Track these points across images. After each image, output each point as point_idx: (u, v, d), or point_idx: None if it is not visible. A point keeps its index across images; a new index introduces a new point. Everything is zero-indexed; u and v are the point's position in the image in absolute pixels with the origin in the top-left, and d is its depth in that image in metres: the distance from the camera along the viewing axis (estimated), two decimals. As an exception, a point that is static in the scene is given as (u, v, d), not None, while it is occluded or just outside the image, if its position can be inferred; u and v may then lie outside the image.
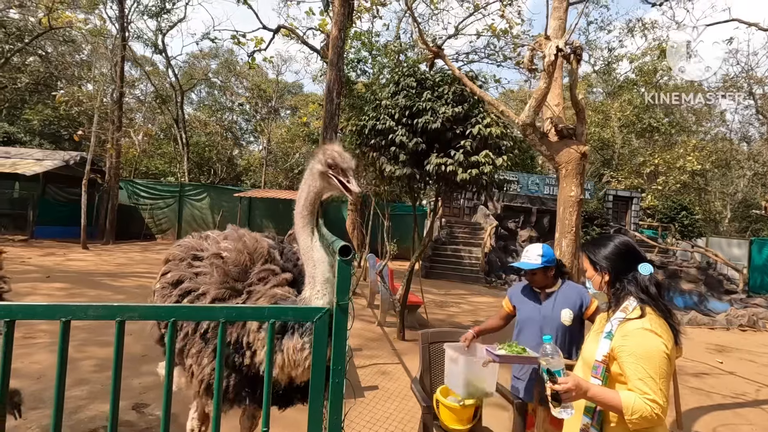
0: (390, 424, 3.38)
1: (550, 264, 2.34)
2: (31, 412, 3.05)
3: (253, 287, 1.72)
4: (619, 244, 1.59)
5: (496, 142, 4.86)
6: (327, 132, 9.04)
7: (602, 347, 1.45)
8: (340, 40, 9.34)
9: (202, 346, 1.69)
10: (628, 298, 1.48)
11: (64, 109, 19.21)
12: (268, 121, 26.15)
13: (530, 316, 2.38)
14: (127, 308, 1.07)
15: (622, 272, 1.52)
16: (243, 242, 1.91)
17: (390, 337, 5.92)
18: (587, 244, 1.66)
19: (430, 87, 5.16)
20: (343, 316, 1.15)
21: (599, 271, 1.59)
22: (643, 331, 1.38)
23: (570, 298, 2.33)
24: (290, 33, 16.78)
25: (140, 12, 19.23)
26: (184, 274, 1.86)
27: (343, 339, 1.15)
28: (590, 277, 1.64)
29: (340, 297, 1.15)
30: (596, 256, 1.60)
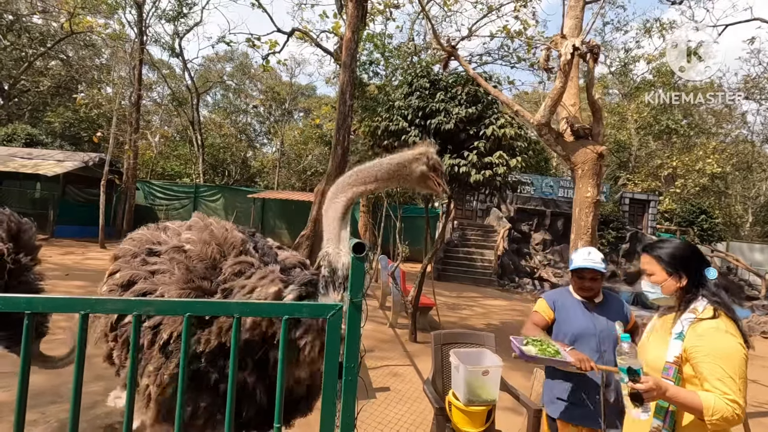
0: (402, 426, 3.37)
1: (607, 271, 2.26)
2: (51, 406, 3.12)
3: (229, 283, 1.46)
4: (691, 247, 1.60)
5: (510, 143, 4.81)
6: (340, 133, 9.06)
7: (673, 348, 1.44)
8: (354, 42, 9.37)
9: (163, 361, 1.41)
10: (696, 299, 1.48)
11: (84, 111, 19.72)
12: (282, 123, 26.40)
13: (586, 329, 2.14)
14: (143, 303, 1.08)
15: (695, 276, 1.52)
16: (210, 232, 1.63)
17: (402, 338, 5.90)
18: (652, 248, 1.62)
19: (444, 88, 5.14)
20: (357, 313, 1.14)
21: (673, 275, 1.55)
22: (718, 331, 1.38)
23: (619, 310, 2.21)
24: (304, 36, 16.91)
25: (158, 16, 19.62)
26: (137, 273, 1.57)
27: (357, 336, 1.15)
28: (661, 282, 1.57)
29: (354, 294, 1.15)
30: (672, 260, 1.56)
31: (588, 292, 2.19)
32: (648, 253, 1.63)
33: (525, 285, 13.32)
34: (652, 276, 1.59)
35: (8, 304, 1.02)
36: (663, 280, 1.57)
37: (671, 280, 1.55)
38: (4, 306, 1.00)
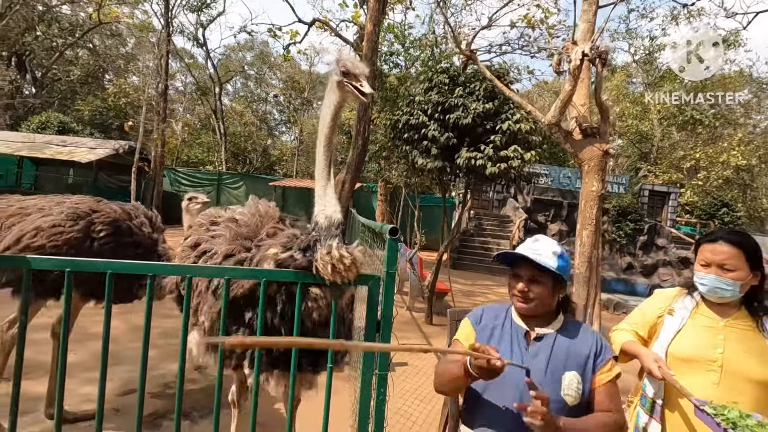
0: (419, 395, 3.73)
1: (562, 281, 1.37)
2: (113, 367, 3.58)
3: (262, 242, 1.75)
4: (756, 243, 1.45)
5: (525, 137, 5.05)
6: (360, 124, 9.35)
7: None
8: (375, 35, 9.59)
9: (213, 301, 1.73)
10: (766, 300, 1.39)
11: (113, 100, 20.46)
12: (301, 112, 26.78)
13: (504, 375, 1.19)
14: (231, 270, 1.43)
15: (765, 273, 1.42)
16: (257, 207, 2.07)
17: (418, 321, 6.26)
18: (737, 239, 1.41)
19: (462, 84, 5.38)
20: (390, 281, 1.48)
21: (754, 273, 1.40)
22: None
23: (579, 352, 1.30)
24: (324, 26, 17.13)
25: (182, 7, 20.08)
26: (202, 237, 1.98)
27: (391, 298, 1.48)
28: (745, 279, 1.39)
29: (389, 267, 1.48)
30: (757, 256, 1.41)
31: (523, 303, 1.42)
32: (733, 245, 1.40)
33: (539, 275, 13.48)
34: (734, 272, 1.39)
35: (90, 265, 1.35)
36: (746, 278, 1.39)
37: (752, 279, 1.41)
38: (88, 267, 1.33)
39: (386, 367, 1.50)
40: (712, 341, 1.40)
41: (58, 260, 1.35)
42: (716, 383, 1.36)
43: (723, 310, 1.45)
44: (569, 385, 1.26)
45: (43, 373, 3.34)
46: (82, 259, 1.30)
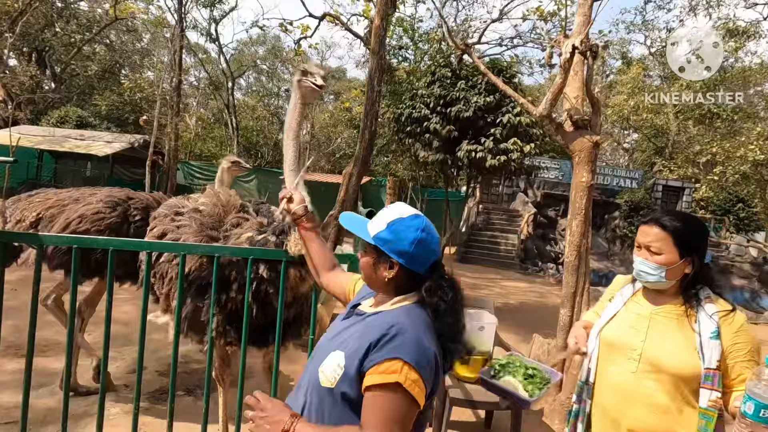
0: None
1: (393, 253, 1.07)
2: (124, 348, 3.79)
3: (228, 232, 1.90)
4: (703, 225, 1.37)
5: (526, 130, 5.10)
6: (368, 118, 9.44)
7: (710, 351, 1.21)
8: (383, 29, 9.63)
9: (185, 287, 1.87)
10: (703, 289, 1.31)
11: (128, 95, 20.90)
12: (312, 106, 26.94)
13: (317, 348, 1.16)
14: (221, 248, 1.57)
15: (701, 259, 1.32)
16: (218, 197, 2.15)
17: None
18: (665, 221, 1.31)
19: (465, 77, 5.44)
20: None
21: (686, 259, 1.29)
22: (746, 323, 1.27)
23: (366, 334, 1.02)
24: (335, 20, 17.19)
25: (196, 2, 20.33)
26: (168, 227, 2.06)
27: (368, 277, 1.60)
28: (671, 265, 1.29)
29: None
30: (689, 240, 1.29)
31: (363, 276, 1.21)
32: (660, 227, 1.31)
33: (548, 269, 13.48)
34: (659, 256, 1.30)
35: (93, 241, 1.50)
36: (673, 263, 1.29)
37: (682, 265, 1.29)
38: (92, 243, 1.49)
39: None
40: (636, 329, 1.35)
41: (68, 237, 1.51)
42: (633, 371, 1.31)
43: (657, 298, 1.36)
44: (328, 363, 1.02)
45: (60, 351, 3.56)
46: (88, 237, 1.44)
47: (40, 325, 1.66)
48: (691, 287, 1.31)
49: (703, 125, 24.29)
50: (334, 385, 0.98)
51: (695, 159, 22.95)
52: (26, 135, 15.63)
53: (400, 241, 1.06)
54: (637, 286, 1.43)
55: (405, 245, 1.05)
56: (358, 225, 1.16)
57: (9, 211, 2.66)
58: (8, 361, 3.30)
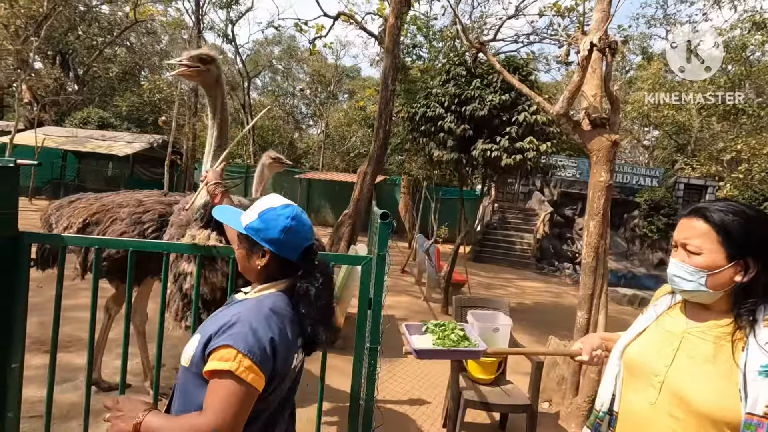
0: (428, 379, 3.85)
1: (264, 241, 1.10)
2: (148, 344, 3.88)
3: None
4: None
5: (542, 128, 5.02)
6: (382, 117, 9.43)
7: (758, 391, 0.88)
8: (396, 28, 9.61)
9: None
10: (762, 304, 0.97)
11: (148, 96, 21.34)
12: (327, 105, 27.08)
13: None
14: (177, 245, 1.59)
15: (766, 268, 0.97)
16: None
17: (434, 311, 6.36)
18: (712, 212, 1.01)
19: (480, 75, 5.39)
20: (381, 262, 1.59)
21: (737, 263, 0.97)
22: None
23: (218, 320, 1.06)
24: (349, 19, 17.23)
25: (212, 3, 20.62)
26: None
27: (381, 279, 1.60)
28: (713, 268, 0.99)
29: (380, 249, 1.60)
30: (744, 237, 0.97)
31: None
32: (703, 218, 1.02)
33: (564, 269, 13.28)
34: (698, 256, 1.00)
35: (115, 243, 1.55)
36: (717, 267, 0.98)
37: (730, 270, 0.98)
38: (114, 244, 1.53)
39: (377, 340, 1.62)
40: (664, 350, 1.05)
41: (88, 239, 1.54)
42: (652, 403, 1.03)
43: (699, 314, 1.06)
44: (190, 343, 1.06)
45: (83, 347, 3.65)
46: (108, 238, 1.48)
47: (64, 321, 1.71)
48: (744, 302, 0.97)
49: (728, 121, 23.54)
50: (188, 365, 1.02)
51: (719, 156, 22.24)
52: (50, 136, 16.10)
53: (271, 230, 1.09)
54: (678, 298, 1.14)
55: (275, 233, 1.09)
56: (231, 216, 1.19)
57: (54, 217, 2.72)
58: (33, 357, 3.41)
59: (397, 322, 5.73)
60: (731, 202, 1.03)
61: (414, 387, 3.73)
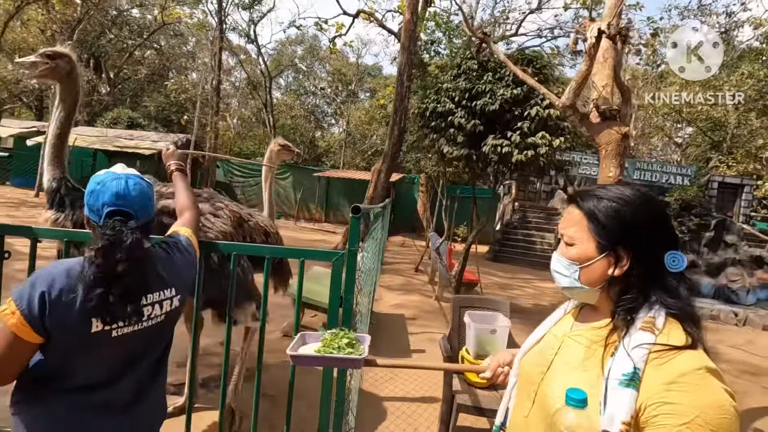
0: (429, 381, 3.75)
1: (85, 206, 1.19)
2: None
3: None
4: (655, 207, 0.87)
5: (556, 123, 4.82)
6: (397, 114, 9.37)
7: (617, 403, 0.75)
8: (413, 24, 9.52)
9: None
10: (648, 306, 0.83)
11: (174, 96, 21.94)
12: (348, 104, 27.16)
13: None
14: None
15: (649, 261, 0.84)
16: None
17: (445, 310, 6.23)
18: (586, 197, 0.90)
19: (492, 69, 5.23)
20: (352, 258, 1.52)
21: (609, 254, 0.85)
22: (704, 375, 0.73)
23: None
24: (369, 17, 17.19)
25: (235, 5, 20.98)
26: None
27: (353, 275, 1.53)
28: (584, 260, 0.88)
29: (351, 244, 1.52)
30: (616, 224, 0.85)
31: None
32: (576, 205, 0.92)
33: (587, 270, 12.82)
34: (572, 247, 0.90)
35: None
36: (588, 259, 0.87)
37: (601, 263, 0.86)
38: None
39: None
40: (544, 357, 0.94)
41: (61, 231, 1.53)
42: (526, 416, 0.92)
43: (589, 315, 0.94)
44: None
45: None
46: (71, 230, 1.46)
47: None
48: (623, 300, 0.84)
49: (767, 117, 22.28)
50: None
51: (757, 154, 21.10)
52: (82, 135, 16.74)
53: (85, 196, 1.17)
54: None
55: (86, 198, 1.16)
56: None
57: None
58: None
59: (407, 321, 5.65)
60: (616, 186, 0.91)
61: (415, 388, 3.64)
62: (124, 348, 1.12)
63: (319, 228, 15.79)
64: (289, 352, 1.12)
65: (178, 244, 1.30)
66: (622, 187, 0.91)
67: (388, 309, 5.99)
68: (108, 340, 1.07)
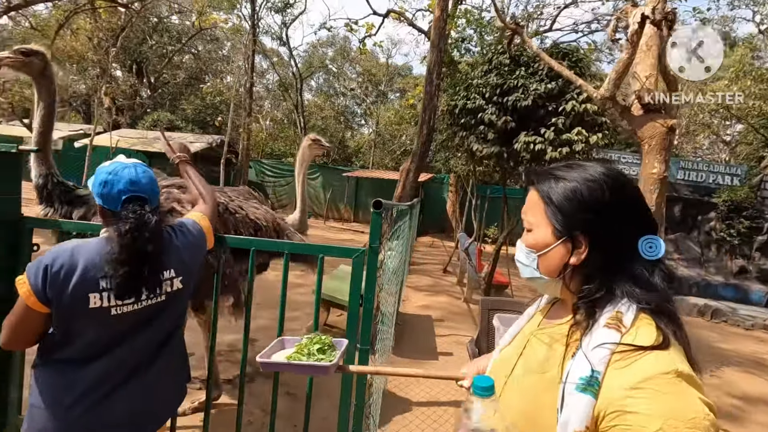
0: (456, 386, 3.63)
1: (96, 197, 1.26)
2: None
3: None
4: (621, 184, 0.77)
5: (593, 118, 4.58)
6: (426, 113, 9.23)
7: (573, 409, 0.66)
8: (442, 21, 9.37)
9: None
10: (615, 300, 0.73)
11: (210, 99, 22.67)
12: (378, 104, 27.21)
13: None
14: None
15: (614, 244, 0.75)
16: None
17: (473, 313, 6.06)
18: (543, 177, 0.83)
19: (525, 64, 5.04)
20: (374, 255, 1.45)
21: (563, 237, 0.76)
22: (674, 380, 0.62)
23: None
24: (399, 16, 17.14)
25: (268, 8, 21.44)
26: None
27: (374, 274, 1.46)
28: (538, 245, 0.80)
29: (372, 241, 1.45)
30: (573, 205, 0.76)
31: None
32: (535, 187, 0.83)
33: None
34: (530, 233, 0.82)
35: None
36: (545, 246, 0.79)
37: (559, 249, 0.77)
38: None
39: (368, 340, 1.48)
40: (510, 357, 0.87)
41: (89, 225, 1.54)
42: (491, 416, 0.74)
43: (556, 312, 0.86)
44: None
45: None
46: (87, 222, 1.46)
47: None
48: (586, 291, 0.74)
49: (830, 112, 20.57)
50: None
51: (818, 152, 19.49)
52: (124, 137, 17.56)
53: (94, 186, 1.24)
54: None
55: (96, 188, 1.23)
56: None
57: None
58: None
59: (434, 323, 5.53)
60: (580, 165, 0.81)
61: (441, 392, 3.53)
62: (123, 325, 1.19)
63: (348, 227, 15.86)
64: (259, 359, 1.07)
65: (182, 227, 1.34)
66: (589, 165, 0.81)
67: (415, 310, 5.89)
68: (107, 317, 1.15)
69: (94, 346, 1.17)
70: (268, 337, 4.29)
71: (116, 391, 1.18)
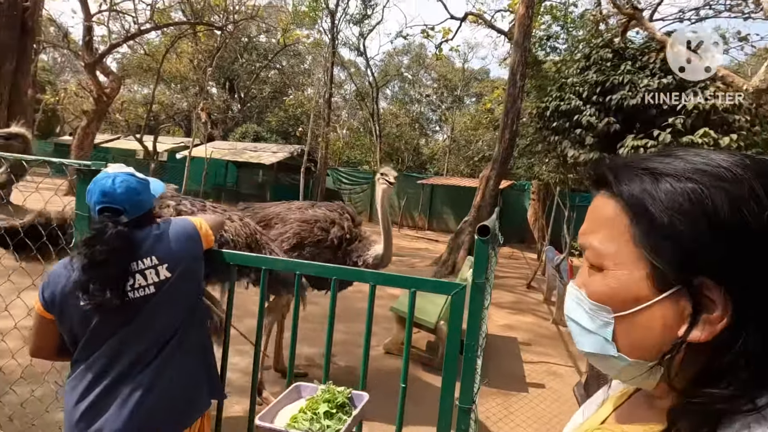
0: (552, 426, 3.18)
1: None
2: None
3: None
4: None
5: (723, 117, 3.84)
6: (508, 117, 8.69)
7: None
8: (527, 18, 8.79)
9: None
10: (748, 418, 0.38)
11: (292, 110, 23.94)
12: (453, 109, 26.72)
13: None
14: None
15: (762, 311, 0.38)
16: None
17: (565, 337, 5.45)
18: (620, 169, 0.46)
19: (631, 57, 4.41)
20: (478, 294, 1.17)
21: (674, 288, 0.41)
22: None
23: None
24: (477, 19, 16.63)
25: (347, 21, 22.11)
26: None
27: (478, 316, 1.18)
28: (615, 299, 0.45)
29: (476, 275, 1.18)
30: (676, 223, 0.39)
31: None
32: (611, 190, 0.46)
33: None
34: (599, 274, 0.46)
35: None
36: (634, 300, 0.43)
37: (664, 308, 0.42)
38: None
39: (470, 400, 1.20)
40: None
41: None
42: None
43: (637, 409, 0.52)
44: None
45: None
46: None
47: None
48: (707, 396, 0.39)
49: None
50: None
51: None
52: (217, 148, 19.13)
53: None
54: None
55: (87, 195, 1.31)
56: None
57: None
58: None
59: (521, 346, 5.05)
60: (694, 152, 0.43)
61: (528, 430, 3.11)
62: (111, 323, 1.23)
63: (423, 236, 15.59)
64: (259, 422, 0.92)
65: (172, 222, 1.38)
66: (705, 152, 0.43)
67: (498, 330, 5.44)
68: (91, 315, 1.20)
69: (93, 345, 1.23)
70: (343, 352, 4.16)
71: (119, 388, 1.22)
